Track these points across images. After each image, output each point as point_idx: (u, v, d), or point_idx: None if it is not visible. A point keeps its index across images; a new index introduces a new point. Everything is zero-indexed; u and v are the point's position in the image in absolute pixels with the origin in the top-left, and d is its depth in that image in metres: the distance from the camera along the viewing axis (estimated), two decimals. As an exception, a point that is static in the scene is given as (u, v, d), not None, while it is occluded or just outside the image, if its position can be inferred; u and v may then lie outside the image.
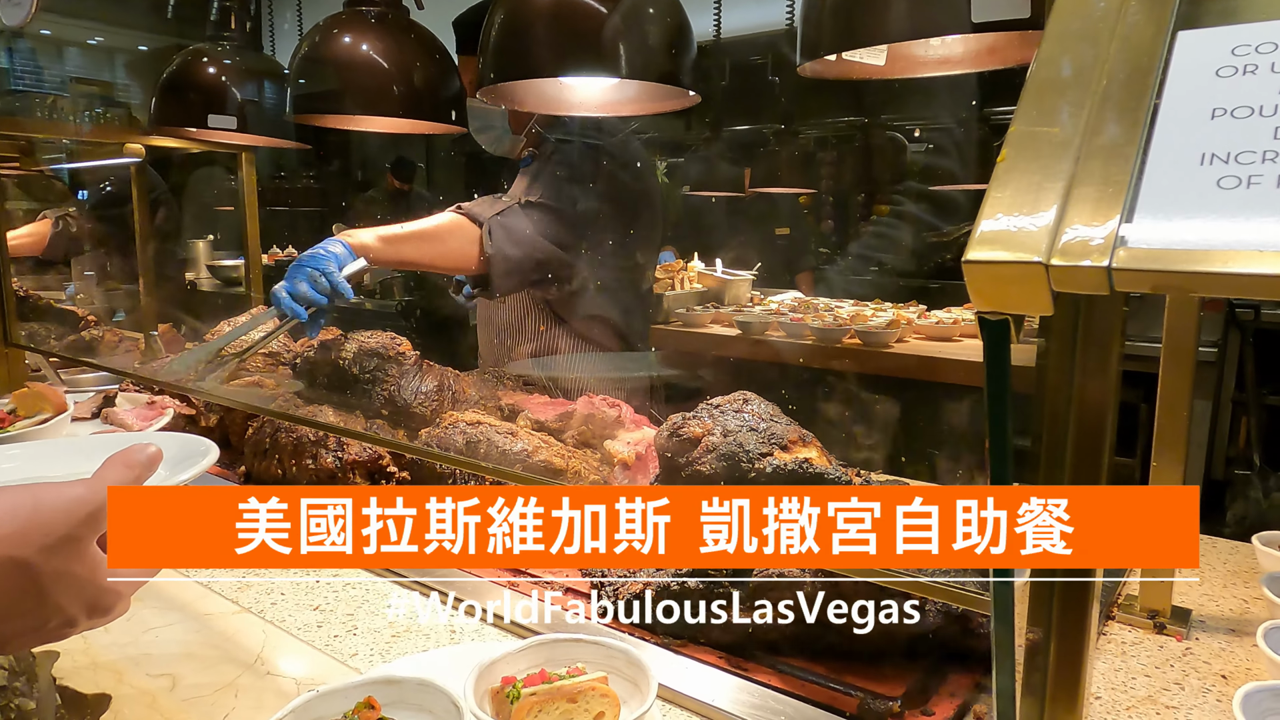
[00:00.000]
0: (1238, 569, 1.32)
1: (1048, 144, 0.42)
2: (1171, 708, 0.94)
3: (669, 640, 1.05)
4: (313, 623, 1.14)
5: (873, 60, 1.22)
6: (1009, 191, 0.42)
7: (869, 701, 0.91)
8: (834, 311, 3.55)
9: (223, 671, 1.02)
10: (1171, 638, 1.09)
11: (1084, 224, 0.39)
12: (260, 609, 1.17)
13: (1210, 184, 0.38)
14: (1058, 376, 0.61)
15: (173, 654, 1.06)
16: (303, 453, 1.57)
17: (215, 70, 2.13)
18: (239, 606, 1.18)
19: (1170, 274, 0.36)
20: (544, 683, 0.83)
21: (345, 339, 1.69)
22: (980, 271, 0.40)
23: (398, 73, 1.66)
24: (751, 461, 1.11)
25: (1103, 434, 0.62)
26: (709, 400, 1.25)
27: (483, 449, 1.35)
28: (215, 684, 0.99)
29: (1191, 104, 0.41)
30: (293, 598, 1.21)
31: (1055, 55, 0.45)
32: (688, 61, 1.37)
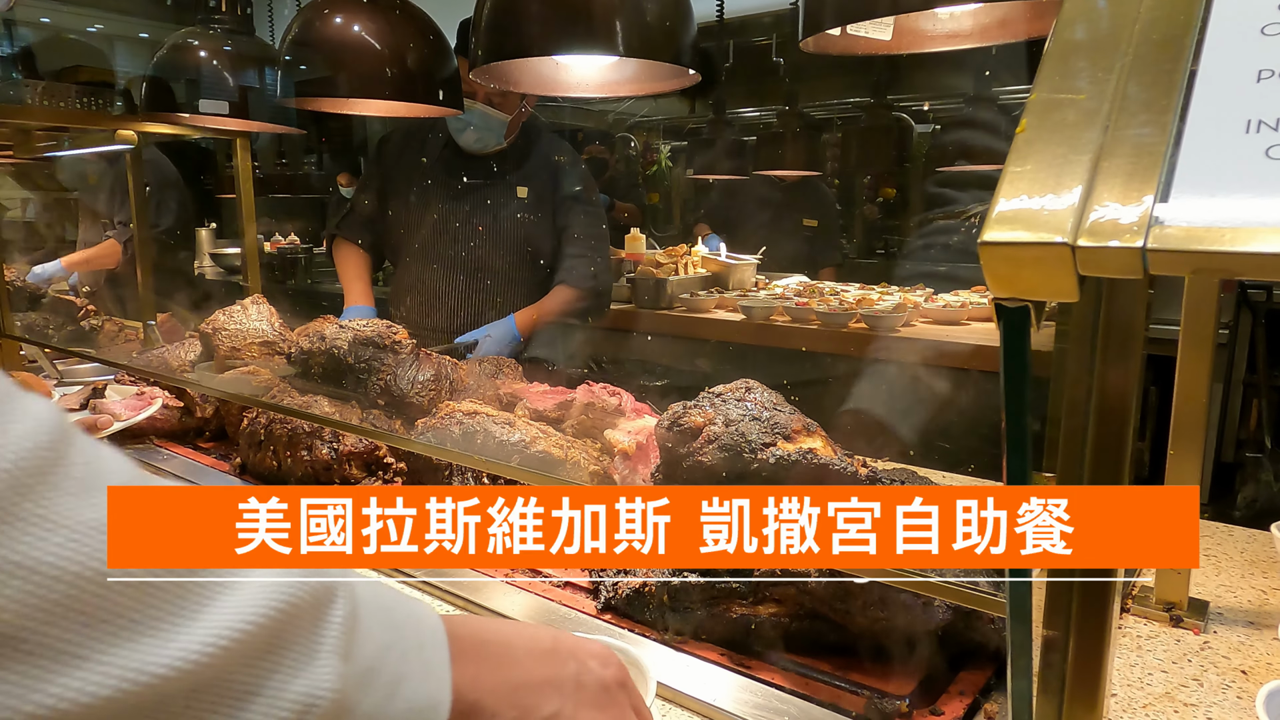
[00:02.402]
0: (1256, 558, 1.28)
1: (1073, 112, 0.38)
2: (1190, 705, 0.90)
3: (670, 637, 1.02)
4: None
5: (878, 35, 1.18)
6: (1030, 165, 0.38)
7: (876, 700, 0.88)
8: (839, 295, 3.50)
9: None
10: (1189, 631, 1.06)
11: (1114, 200, 0.35)
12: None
13: (1258, 153, 0.34)
14: (1077, 365, 0.57)
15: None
16: (298, 444, 1.54)
17: (207, 54, 2.09)
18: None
19: (1214, 255, 0.32)
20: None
21: (340, 328, 1.65)
22: (998, 254, 0.37)
23: (390, 54, 1.62)
24: (754, 452, 1.08)
25: (1125, 425, 0.58)
26: (710, 389, 1.22)
27: (480, 439, 1.32)
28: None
29: (1234, 65, 0.36)
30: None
31: (1080, 14, 0.41)
32: (687, 39, 1.32)
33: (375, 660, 0.48)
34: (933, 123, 5.42)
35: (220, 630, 0.39)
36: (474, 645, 0.57)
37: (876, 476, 1.03)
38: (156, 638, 0.37)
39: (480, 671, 0.56)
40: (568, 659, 0.63)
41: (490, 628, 0.61)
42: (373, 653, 0.47)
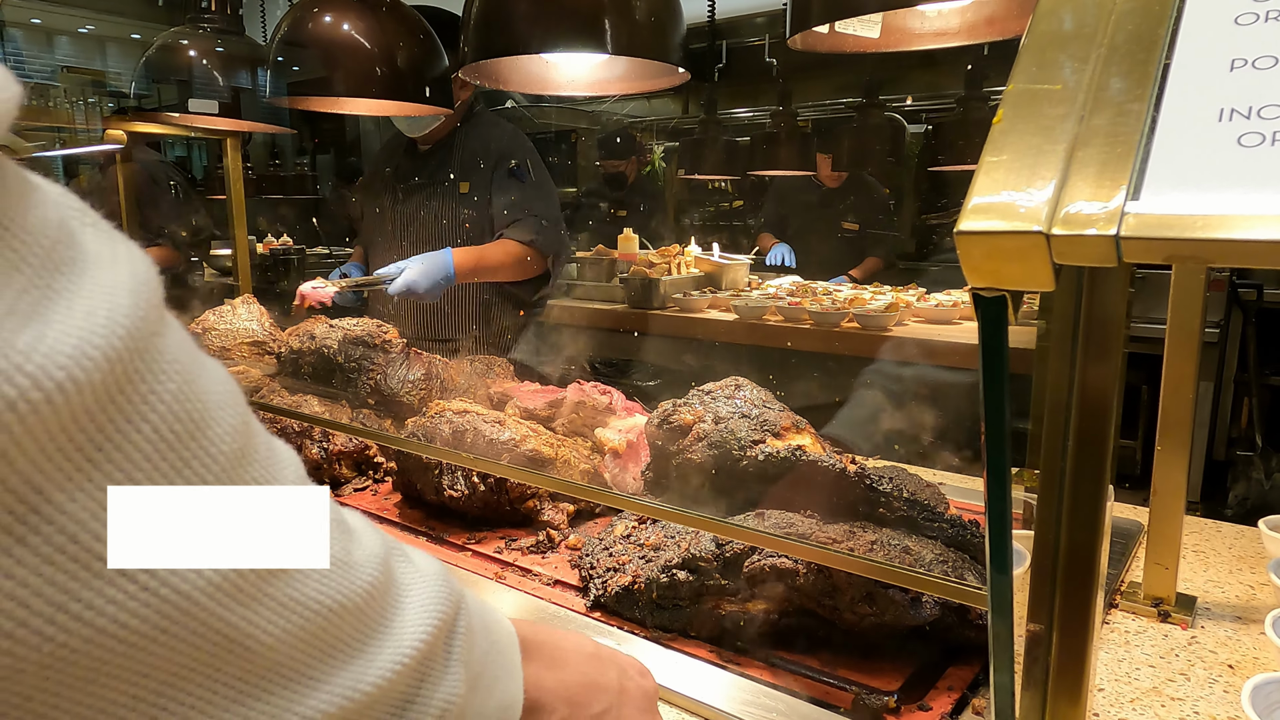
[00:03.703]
0: (1244, 554, 1.28)
1: (1049, 102, 0.38)
2: (1177, 699, 0.91)
3: (659, 634, 1.02)
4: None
5: (866, 32, 1.18)
6: (1006, 155, 0.38)
7: (864, 696, 0.88)
8: (832, 295, 3.50)
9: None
10: (1177, 626, 1.06)
11: (1089, 190, 0.35)
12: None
13: (1230, 141, 0.34)
14: (1059, 361, 0.57)
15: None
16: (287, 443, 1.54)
17: (196, 54, 2.09)
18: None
19: (1187, 242, 0.32)
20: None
21: (330, 327, 1.65)
22: (974, 244, 0.37)
23: (380, 53, 1.61)
24: (743, 449, 1.08)
25: (1107, 421, 0.58)
26: (700, 386, 1.22)
27: (469, 438, 1.32)
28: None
29: (1208, 55, 0.37)
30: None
31: (1057, 6, 0.41)
32: (677, 37, 1.32)
33: (481, 665, 0.51)
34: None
35: (403, 649, 0.42)
36: (534, 646, 0.60)
37: (864, 473, 1.04)
38: (364, 659, 0.41)
39: (540, 671, 0.59)
40: (609, 665, 0.66)
41: (541, 630, 0.63)
42: (479, 657, 0.51)
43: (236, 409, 0.37)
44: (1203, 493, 3.55)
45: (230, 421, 0.36)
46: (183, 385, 0.34)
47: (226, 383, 0.38)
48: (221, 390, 0.37)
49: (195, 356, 0.36)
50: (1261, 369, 3.73)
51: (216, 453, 0.35)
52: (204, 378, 0.36)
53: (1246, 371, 3.71)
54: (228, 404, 0.37)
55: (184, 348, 0.35)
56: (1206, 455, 3.65)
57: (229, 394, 0.37)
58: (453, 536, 1.32)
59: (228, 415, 0.36)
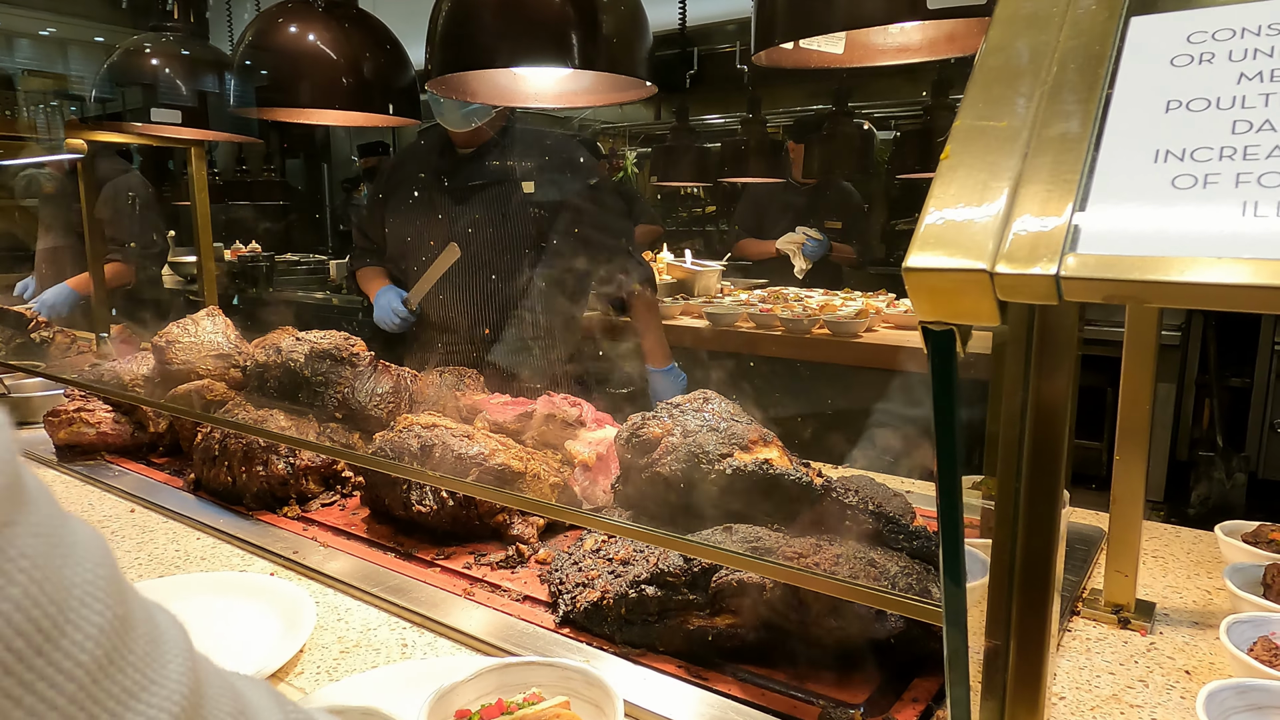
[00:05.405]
0: (1201, 559, 1.31)
1: (995, 139, 0.39)
2: (1135, 706, 0.92)
3: (627, 650, 1.02)
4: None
5: (830, 48, 1.19)
6: (953, 190, 0.39)
7: (830, 710, 0.89)
8: (803, 301, 3.53)
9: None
10: (1136, 633, 1.08)
11: (1032, 228, 0.36)
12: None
13: (1165, 183, 0.35)
14: (1013, 377, 0.59)
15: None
16: (253, 459, 1.52)
17: (159, 62, 2.05)
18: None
19: (1123, 283, 0.33)
20: (503, 714, 0.79)
21: (297, 340, 1.63)
22: (921, 280, 0.37)
23: (345, 64, 1.60)
24: (711, 463, 1.08)
25: (1060, 432, 0.59)
26: (669, 400, 1.22)
27: (438, 453, 1.31)
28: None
29: (1145, 96, 0.38)
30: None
31: (1004, 42, 0.42)
32: (643, 51, 1.33)
33: None
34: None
35: None
36: None
37: (830, 486, 1.04)
38: None
39: None
40: None
41: None
42: None
43: (109, 596, 0.32)
44: (1166, 493, 3.62)
45: (96, 620, 0.31)
46: (30, 587, 0.29)
47: (99, 562, 0.33)
48: (90, 577, 0.32)
49: (55, 539, 0.31)
50: (1221, 371, 3.81)
51: (73, 666, 0.30)
52: (67, 566, 0.31)
53: (1207, 373, 3.80)
54: (97, 594, 0.32)
55: (40, 531, 0.30)
56: (1169, 456, 3.72)
57: (99, 579, 0.32)
58: (421, 552, 1.31)
59: (93, 613, 0.31)
